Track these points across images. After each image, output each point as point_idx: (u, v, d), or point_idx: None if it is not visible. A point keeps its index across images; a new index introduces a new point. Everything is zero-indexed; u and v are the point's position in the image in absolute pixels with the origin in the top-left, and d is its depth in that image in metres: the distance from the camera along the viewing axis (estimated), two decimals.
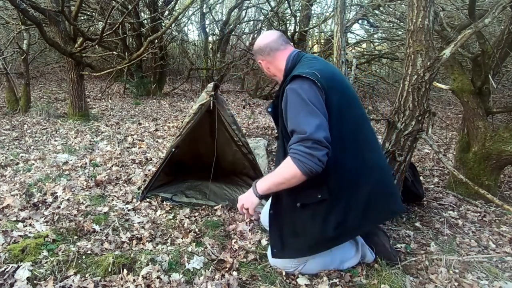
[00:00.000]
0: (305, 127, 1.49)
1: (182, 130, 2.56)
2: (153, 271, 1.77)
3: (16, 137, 4.41)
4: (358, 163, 1.64)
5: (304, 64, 1.69)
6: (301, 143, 1.48)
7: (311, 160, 1.46)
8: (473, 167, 2.98)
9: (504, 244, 2.29)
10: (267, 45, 1.78)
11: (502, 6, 2.17)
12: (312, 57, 1.81)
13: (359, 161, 1.64)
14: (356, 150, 1.64)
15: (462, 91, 3.05)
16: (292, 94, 1.57)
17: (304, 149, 1.47)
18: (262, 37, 1.82)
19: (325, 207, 1.63)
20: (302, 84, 1.56)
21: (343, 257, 1.88)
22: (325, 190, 1.60)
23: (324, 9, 10.81)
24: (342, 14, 2.47)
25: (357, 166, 1.63)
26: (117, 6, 6.18)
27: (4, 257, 1.81)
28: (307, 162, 1.47)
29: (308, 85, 1.55)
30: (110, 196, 2.74)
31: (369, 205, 1.66)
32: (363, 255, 1.93)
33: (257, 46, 1.82)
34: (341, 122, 1.58)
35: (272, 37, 1.79)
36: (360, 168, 1.64)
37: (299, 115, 1.53)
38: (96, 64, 8.83)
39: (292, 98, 1.57)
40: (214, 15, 10.25)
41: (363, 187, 1.64)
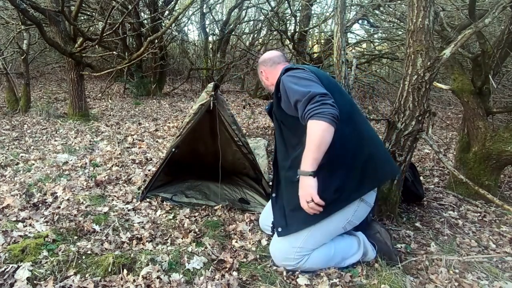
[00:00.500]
0: (306, 89, 1.62)
1: (182, 130, 2.56)
2: (153, 271, 1.77)
3: (16, 137, 4.41)
4: (354, 132, 1.75)
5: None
6: (310, 103, 1.58)
7: (325, 108, 1.55)
8: (473, 167, 2.98)
9: (504, 244, 2.29)
10: (271, 58, 2.05)
11: (502, 6, 2.17)
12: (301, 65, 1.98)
13: (355, 131, 1.76)
14: (351, 120, 1.76)
15: (462, 91, 3.05)
16: (288, 77, 1.75)
17: (314, 104, 1.56)
18: (268, 53, 2.11)
19: (322, 174, 1.64)
20: (294, 71, 1.78)
21: (345, 252, 1.88)
22: (324, 161, 1.63)
23: (324, 9, 10.82)
24: (342, 14, 2.47)
25: (353, 134, 1.75)
26: (117, 6, 6.18)
27: (4, 257, 1.81)
28: (324, 111, 1.54)
29: (299, 70, 1.78)
30: (110, 196, 2.74)
31: (366, 170, 1.75)
32: (365, 252, 1.93)
33: (262, 59, 2.09)
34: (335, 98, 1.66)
35: (275, 53, 2.08)
36: (356, 137, 1.76)
37: (297, 87, 1.66)
38: (96, 64, 8.84)
39: (288, 80, 1.73)
40: (214, 15, 10.27)
41: (360, 154, 1.74)
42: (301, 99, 1.62)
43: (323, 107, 1.55)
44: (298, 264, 1.81)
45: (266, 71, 2.07)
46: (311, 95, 1.59)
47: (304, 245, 1.79)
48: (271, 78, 2.03)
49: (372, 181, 1.80)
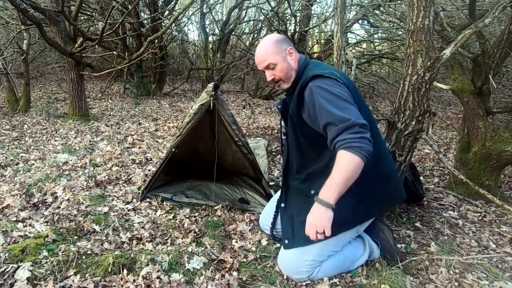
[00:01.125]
0: (345, 115, 1.49)
1: (182, 130, 2.56)
2: (153, 271, 1.77)
3: (16, 137, 4.41)
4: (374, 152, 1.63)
5: (315, 67, 1.71)
6: (347, 131, 1.47)
7: (363, 143, 1.46)
8: (473, 167, 2.98)
9: (505, 244, 2.29)
10: (285, 38, 1.80)
11: (502, 6, 2.17)
12: (317, 62, 1.85)
13: (375, 150, 1.64)
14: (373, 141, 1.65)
15: (462, 91, 3.05)
16: (320, 90, 1.57)
17: (353, 135, 1.46)
18: (275, 35, 1.80)
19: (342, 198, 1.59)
20: (326, 81, 1.58)
21: (353, 256, 1.87)
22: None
23: (324, 9, 10.82)
24: (342, 14, 2.47)
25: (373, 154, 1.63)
26: (117, 6, 6.18)
27: (4, 257, 1.81)
28: (362, 146, 1.46)
29: (332, 81, 1.59)
30: (110, 196, 2.74)
31: (381, 193, 1.74)
32: (371, 251, 1.93)
33: (281, 37, 1.77)
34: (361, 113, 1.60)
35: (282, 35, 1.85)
36: (375, 158, 1.65)
37: (333, 107, 1.51)
38: (96, 64, 8.84)
39: (320, 94, 1.56)
40: (214, 15, 10.27)
41: (377, 175, 1.70)
42: (337, 124, 1.49)
43: (362, 141, 1.45)
44: (310, 276, 1.77)
45: (294, 51, 1.76)
46: (351, 124, 1.47)
47: (315, 258, 1.75)
48: (292, 63, 1.75)
49: (385, 203, 1.86)
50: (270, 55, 1.71)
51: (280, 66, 1.71)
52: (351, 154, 1.45)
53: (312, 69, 1.68)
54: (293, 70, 1.74)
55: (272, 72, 1.73)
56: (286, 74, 1.73)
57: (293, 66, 1.74)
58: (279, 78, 1.74)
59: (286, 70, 1.72)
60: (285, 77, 1.74)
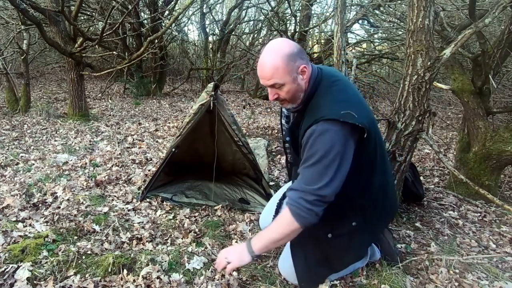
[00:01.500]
0: (315, 180, 1.38)
1: (182, 130, 2.55)
2: (153, 271, 1.77)
3: (16, 137, 4.41)
4: (382, 182, 1.62)
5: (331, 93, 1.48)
6: (303, 196, 1.39)
7: (310, 215, 1.40)
8: (474, 167, 2.98)
9: (505, 244, 2.29)
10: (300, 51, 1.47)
11: (503, 6, 2.17)
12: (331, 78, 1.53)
13: (383, 182, 1.63)
14: (382, 174, 1.62)
15: (462, 91, 3.05)
16: (323, 139, 1.38)
17: (304, 203, 1.38)
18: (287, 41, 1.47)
19: (360, 231, 1.62)
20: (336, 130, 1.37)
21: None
22: (360, 217, 1.59)
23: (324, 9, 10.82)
24: (342, 14, 2.47)
25: (381, 185, 1.62)
26: (117, 6, 6.18)
27: (4, 257, 1.81)
28: (307, 217, 1.40)
29: (343, 130, 1.37)
30: (110, 196, 2.73)
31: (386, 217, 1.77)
32: (371, 253, 1.93)
33: (293, 50, 1.43)
34: (376, 150, 1.54)
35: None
36: (382, 189, 1.64)
37: (319, 165, 1.38)
38: (96, 64, 8.84)
39: (320, 143, 1.38)
40: (214, 15, 10.26)
41: (384, 202, 1.67)
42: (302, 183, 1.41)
43: (309, 213, 1.38)
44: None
45: (307, 68, 1.48)
46: (312, 191, 1.38)
47: None
48: (306, 82, 1.50)
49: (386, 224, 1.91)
50: (278, 74, 1.42)
51: (287, 88, 1.46)
52: (293, 219, 1.40)
53: (326, 95, 1.47)
54: (302, 92, 1.50)
55: (277, 91, 1.48)
56: (293, 96, 1.49)
57: (303, 87, 1.49)
58: (283, 98, 1.50)
59: (294, 92, 1.48)
60: (291, 99, 1.50)
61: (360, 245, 1.69)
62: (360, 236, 1.64)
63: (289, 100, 1.51)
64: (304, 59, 1.47)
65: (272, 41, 1.49)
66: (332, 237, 1.60)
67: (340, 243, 1.63)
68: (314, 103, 1.48)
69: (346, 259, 1.71)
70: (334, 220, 1.57)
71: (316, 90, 1.50)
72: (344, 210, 1.57)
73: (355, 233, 1.62)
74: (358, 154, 1.45)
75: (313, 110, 1.46)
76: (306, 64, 1.46)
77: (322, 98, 1.47)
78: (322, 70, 1.54)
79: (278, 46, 1.44)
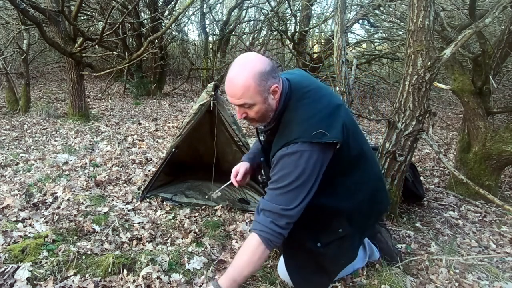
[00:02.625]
0: (288, 203, 1.36)
1: (182, 130, 2.55)
2: (153, 272, 1.77)
3: (16, 137, 4.41)
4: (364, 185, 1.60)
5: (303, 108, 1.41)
6: (275, 220, 1.36)
7: (279, 239, 1.39)
8: (474, 167, 2.97)
9: (505, 244, 2.29)
10: (273, 69, 1.38)
11: (503, 6, 2.17)
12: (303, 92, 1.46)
13: (365, 183, 1.60)
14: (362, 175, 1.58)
15: (462, 91, 3.05)
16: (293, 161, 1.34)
17: (276, 228, 1.36)
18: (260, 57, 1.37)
19: (349, 236, 1.60)
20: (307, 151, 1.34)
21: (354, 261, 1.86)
22: (345, 222, 1.57)
23: (324, 9, 10.82)
24: (342, 14, 2.47)
25: (364, 189, 1.59)
26: (117, 6, 6.18)
27: (4, 258, 1.81)
28: (275, 241, 1.39)
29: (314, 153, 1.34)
30: (110, 196, 2.73)
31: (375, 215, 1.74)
32: (370, 253, 1.92)
33: (265, 69, 1.34)
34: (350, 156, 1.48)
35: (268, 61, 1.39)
36: (366, 189, 1.61)
37: (288, 189, 1.35)
38: (96, 64, 8.84)
39: (290, 166, 1.35)
40: (214, 15, 10.26)
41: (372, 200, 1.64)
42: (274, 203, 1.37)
43: (279, 237, 1.37)
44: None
45: (279, 88, 1.40)
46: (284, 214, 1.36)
47: None
48: (277, 102, 1.43)
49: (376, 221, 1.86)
50: (249, 94, 1.34)
51: (257, 108, 1.38)
52: (264, 247, 1.37)
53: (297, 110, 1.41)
54: (272, 111, 1.43)
55: (246, 110, 1.40)
56: (263, 116, 1.42)
57: (273, 107, 1.42)
58: (252, 118, 1.43)
59: (264, 112, 1.41)
60: (260, 119, 1.44)
61: (352, 247, 1.66)
62: (350, 240, 1.62)
63: (258, 119, 1.44)
64: (276, 77, 1.38)
65: (243, 55, 1.39)
66: (322, 246, 1.57)
67: (331, 251, 1.60)
68: (285, 121, 1.42)
69: (341, 263, 1.68)
70: (319, 230, 1.56)
71: (287, 106, 1.44)
72: (327, 219, 1.54)
73: (344, 239, 1.59)
74: (333, 163, 1.41)
75: (284, 130, 1.41)
76: (277, 83, 1.39)
77: (293, 115, 1.41)
78: (290, 82, 1.47)
79: (250, 63, 1.34)
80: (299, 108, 1.42)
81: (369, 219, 1.70)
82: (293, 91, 1.45)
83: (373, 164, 1.70)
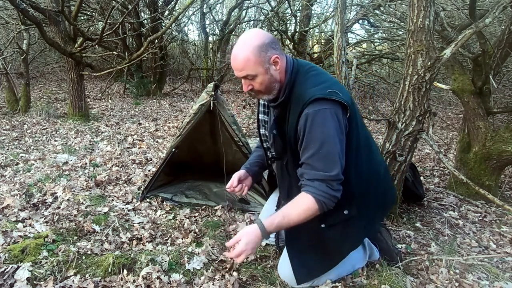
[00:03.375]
0: (332, 166, 1.42)
1: (182, 130, 2.55)
2: (153, 272, 1.77)
3: (16, 137, 4.40)
4: (370, 169, 1.64)
5: (309, 78, 1.52)
6: (326, 184, 1.42)
7: (333, 201, 1.45)
8: (474, 167, 2.97)
9: (505, 244, 2.28)
10: (274, 41, 1.48)
11: (503, 6, 2.17)
12: (307, 67, 1.58)
13: (371, 166, 1.64)
14: (367, 157, 1.63)
15: (462, 91, 3.04)
16: (318, 121, 1.41)
17: (331, 191, 1.43)
18: (260, 32, 1.49)
19: (354, 220, 1.61)
20: (327, 109, 1.41)
21: (354, 261, 1.86)
22: (352, 205, 1.59)
23: (324, 9, 10.81)
24: (342, 14, 2.47)
25: (370, 172, 1.63)
26: (117, 6, 6.18)
27: (4, 258, 1.81)
28: (330, 204, 1.45)
29: (333, 108, 1.42)
30: (110, 197, 2.73)
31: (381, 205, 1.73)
32: (370, 253, 1.92)
33: (263, 41, 1.44)
34: (359, 133, 1.56)
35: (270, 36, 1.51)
36: (371, 173, 1.64)
37: (323, 150, 1.42)
38: (96, 64, 8.84)
39: (316, 127, 1.41)
40: (214, 15, 10.27)
41: (377, 189, 1.67)
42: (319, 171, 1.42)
43: (333, 199, 1.44)
44: (313, 284, 1.75)
45: (280, 58, 1.49)
46: (334, 178, 1.42)
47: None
48: (282, 71, 1.52)
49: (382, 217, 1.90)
50: (249, 66, 1.44)
51: (260, 79, 1.47)
52: (317, 206, 1.43)
53: (307, 84, 1.49)
54: (276, 82, 1.52)
55: (251, 82, 1.49)
56: (267, 87, 1.51)
57: (277, 77, 1.51)
58: (258, 89, 1.51)
59: (268, 82, 1.49)
60: (266, 90, 1.52)
61: (356, 234, 1.65)
62: (354, 225, 1.63)
63: (264, 91, 1.52)
64: (276, 49, 1.48)
65: (245, 33, 1.52)
66: (325, 227, 1.60)
67: (334, 233, 1.62)
68: (296, 92, 1.50)
69: (343, 249, 1.68)
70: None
71: (295, 80, 1.52)
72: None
73: (349, 222, 1.61)
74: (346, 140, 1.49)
75: (298, 98, 1.48)
76: (278, 54, 1.48)
77: (303, 85, 1.50)
78: (297, 60, 1.59)
79: (249, 38, 1.46)
80: (307, 79, 1.51)
81: (375, 210, 1.70)
82: (300, 67, 1.55)
83: (378, 152, 1.77)
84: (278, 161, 1.73)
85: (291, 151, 1.57)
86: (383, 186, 1.74)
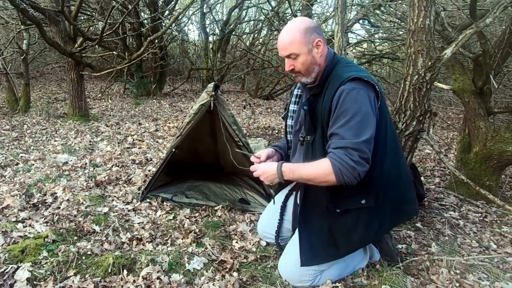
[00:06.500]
0: (355, 135, 1.44)
1: (182, 130, 2.55)
2: (153, 272, 1.77)
3: (16, 137, 4.40)
4: (394, 168, 1.63)
5: (347, 67, 1.60)
6: (347, 152, 1.44)
7: (352, 173, 1.44)
8: (474, 168, 2.97)
9: (505, 244, 2.28)
10: (317, 27, 1.59)
11: (503, 6, 2.17)
12: (348, 60, 1.70)
13: (395, 166, 1.64)
14: (394, 156, 1.63)
15: (463, 91, 3.04)
16: (352, 96, 1.47)
17: (348, 160, 1.43)
18: (305, 18, 1.64)
19: (369, 212, 1.61)
20: (363, 89, 1.48)
21: (355, 261, 1.85)
22: (370, 196, 1.59)
23: (325, 9, 10.81)
24: (343, 14, 2.47)
25: (392, 171, 1.63)
26: (117, 6, 6.17)
27: (4, 258, 1.81)
28: (347, 174, 1.44)
29: (368, 90, 1.50)
30: (110, 197, 2.73)
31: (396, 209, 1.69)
32: (371, 254, 1.92)
33: (311, 23, 1.58)
34: (387, 128, 1.58)
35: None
36: (394, 173, 1.64)
37: (353, 121, 1.45)
38: (96, 64, 8.84)
39: (350, 101, 1.46)
40: (214, 15, 10.27)
41: (396, 187, 1.66)
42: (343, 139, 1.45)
43: (351, 171, 1.44)
44: (313, 283, 1.74)
45: (323, 43, 1.60)
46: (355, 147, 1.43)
47: (318, 268, 1.72)
48: (324, 55, 1.61)
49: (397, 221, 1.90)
50: (294, 45, 1.55)
51: (302, 59, 1.57)
52: (332, 171, 1.46)
53: (345, 69, 1.57)
54: (316, 65, 1.59)
55: (293, 62, 1.59)
56: (308, 68, 1.59)
57: (317, 60, 1.59)
58: (298, 70, 1.60)
59: (309, 64, 1.58)
60: (306, 71, 1.60)
61: (367, 228, 1.63)
62: (368, 217, 1.61)
63: (304, 72, 1.60)
64: (320, 34, 1.59)
65: (292, 19, 1.66)
66: (340, 212, 1.61)
67: (347, 220, 1.62)
68: (336, 74, 1.57)
69: (352, 240, 1.65)
70: (344, 194, 1.58)
71: (334, 67, 1.61)
72: (356, 188, 1.55)
73: (363, 212, 1.60)
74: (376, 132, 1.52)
75: (336, 78, 1.55)
76: (321, 38, 1.58)
77: (342, 69, 1.58)
78: (337, 54, 1.69)
79: (296, 22, 1.59)
80: (346, 67, 1.60)
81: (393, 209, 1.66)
82: (340, 58, 1.67)
83: (404, 161, 1.79)
84: (306, 142, 1.71)
85: (322, 129, 1.60)
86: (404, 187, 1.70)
